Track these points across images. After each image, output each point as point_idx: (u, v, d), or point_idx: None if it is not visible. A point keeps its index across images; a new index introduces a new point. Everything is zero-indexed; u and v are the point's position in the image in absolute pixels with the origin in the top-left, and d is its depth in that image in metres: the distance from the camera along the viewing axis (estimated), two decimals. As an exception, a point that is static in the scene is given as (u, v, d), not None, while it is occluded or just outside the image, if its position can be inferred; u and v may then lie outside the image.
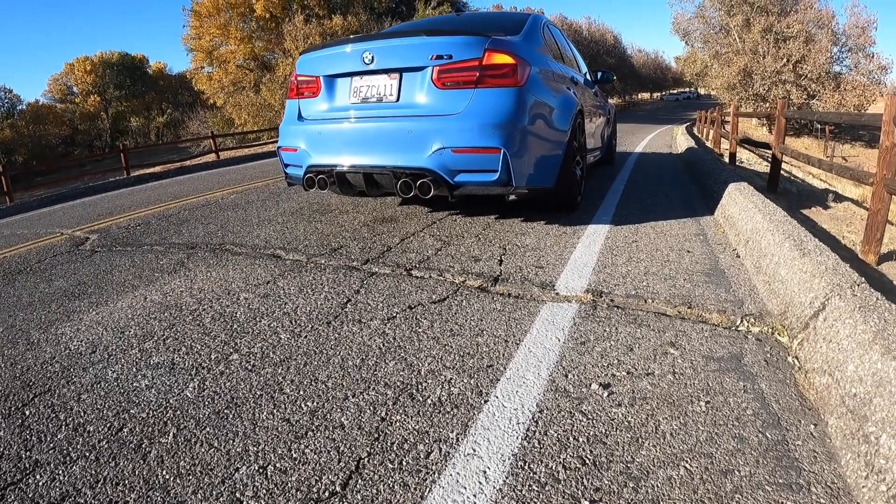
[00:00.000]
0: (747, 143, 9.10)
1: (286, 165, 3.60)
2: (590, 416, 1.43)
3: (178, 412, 1.56)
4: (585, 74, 4.93)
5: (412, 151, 2.91)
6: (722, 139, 12.20)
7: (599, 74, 5.52)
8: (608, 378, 1.61)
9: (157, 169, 13.11)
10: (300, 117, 3.39)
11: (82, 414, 1.63)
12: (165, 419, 1.54)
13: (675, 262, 2.58)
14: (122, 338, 2.13)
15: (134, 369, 1.87)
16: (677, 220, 3.44)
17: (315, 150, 3.26)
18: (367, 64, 3.01)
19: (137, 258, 3.32)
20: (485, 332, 1.90)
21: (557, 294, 2.24)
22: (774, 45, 27.05)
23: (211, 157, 15.73)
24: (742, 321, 1.93)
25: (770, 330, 1.86)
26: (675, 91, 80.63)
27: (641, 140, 13.78)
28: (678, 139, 13.29)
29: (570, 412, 1.45)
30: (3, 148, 32.73)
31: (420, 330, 1.93)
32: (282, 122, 3.53)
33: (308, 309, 2.19)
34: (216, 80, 30.19)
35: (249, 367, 1.76)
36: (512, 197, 2.99)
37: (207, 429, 1.46)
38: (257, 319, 2.14)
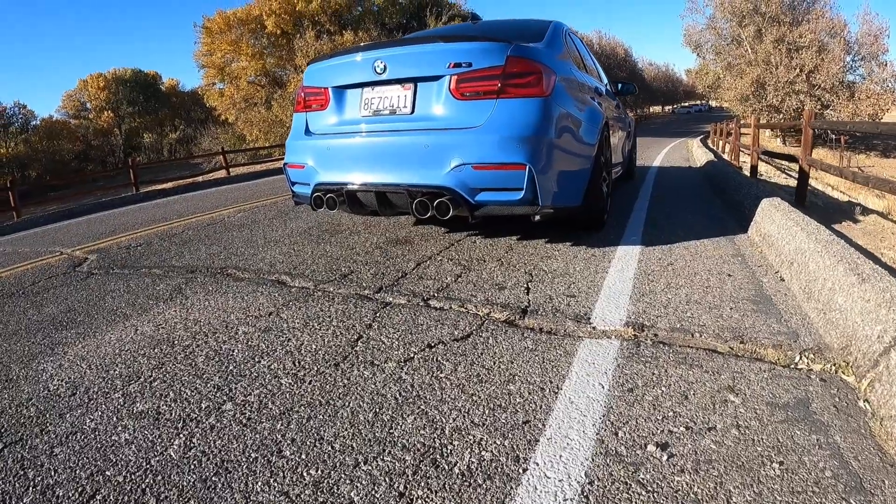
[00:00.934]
0: (769, 155, 8.83)
1: (293, 183, 3.40)
2: (650, 488, 1.18)
3: (160, 477, 1.33)
4: (606, 85, 4.72)
5: (429, 168, 2.69)
6: (740, 152, 11.93)
7: (620, 86, 5.32)
8: (665, 436, 1.36)
9: (167, 185, 13.09)
10: (308, 132, 3.20)
11: (53, 473, 1.42)
12: (144, 486, 1.31)
13: (717, 288, 2.36)
14: (105, 378, 1.92)
15: (115, 418, 1.65)
16: (710, 240, 3.23)
17: (323, 166, 3.06)
18: (379, 74, 2.82)
19: (133, 282, 3.13)
20: (517, 377, 1.66)
21: (595, 329, 1.99)
22: (787, 56, 26.89)
23: (222, 174, 15.72)
24: (801, 357, 1.72)
25: (833, 368, 1.64)
26: (687, 104, 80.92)
27: (658, 154, 13.59)
28: (695, 152, 13.13)
29: (626, 483, 1.20)
30: (18, 163, 33.27)
31: (442, 375, 1.69)
32: (288, 137, 3.35)
33: (314, 347, 1.96)
34: (228, 96, 30.54)
35: (244, 421, 1.53)
36: (537, 217, 2.77)
37: (191, 502, 1.23)
38: (256, 359, 1.91)
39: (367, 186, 2.87)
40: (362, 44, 2.90)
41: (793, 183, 10.86)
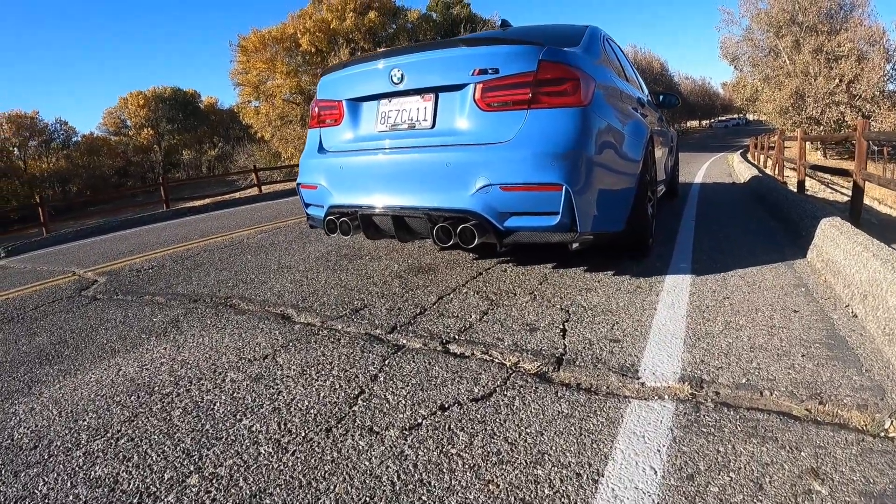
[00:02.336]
0: (817, 169, 8.22)
1: (307, 205, 3.20)
2: None
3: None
4: (647, 96, 4.39)
5: (451, 189, 2.43)
6: (784, 166, 11.30)
7: (662, 97, 4.97)
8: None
9: (197, 203, 13.30)
10: (321, 149, 2.99)
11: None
12: None
13: (784, 329, 2.04)
14: (72, 429, 1.72)
15: (69, 483, 1.44)
16: (768, 267, 2.90)
17: (337, 187, 2.83)
18: (396, 83, 2.59)
19: (132, 311, 2.96)
20: (547, 456, 1.35)
21: (644, 385, 1.67)
22: (826, 66, 26.42)
23: (254, 191, 15.92)
24: (892, 423, 1.41)
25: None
26: (724, 118, 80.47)
27: (698, 169, 13.15)
28: (736, 167, 12.77)
29: None
30: (59, 178, 34.93)
31: (454, 451, 1.39)
32: (302, 155, 3.15)
33: (306, 403, 1.70)
34: (263, 113, 31.34)
35: (207, 503, 1.26)
36: (575, 246, 2.45)
37: None
38: (238, 417, 1.66)
39: (384, 210, 2.63)
40: (379, 50, 2.67)
41: (839, 198, 10.22)
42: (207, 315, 2.72)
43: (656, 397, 1.60)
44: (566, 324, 2.19)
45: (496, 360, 1.90)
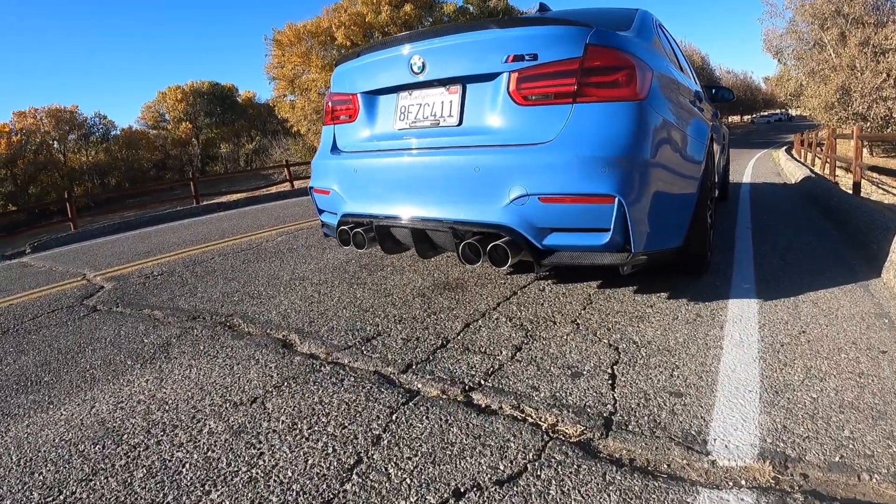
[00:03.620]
0: (876, 171, 7.50)
1: (320, 211, 2.91)
2: None
3: None
4: (702, 89, 3.94)
5: (480, 200, 2.09)
6: (835, 165, 10.46)
7: (715, 91, 4.49)
8: None
9: (227, 199, 13.33)
10: (334, 148, 2.70)
11: None
12: None
13: (874, 377, 1.67)
14: (26, 485, 1.53)
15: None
16: (840, 289, 2.51)
17: (350, 193, 2.53)
18: (417, 73, 2.25)
19: (126, 329, 2.75)
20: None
21: (714, 464, 1.31)
22: (873, 59, 25.64)
23: (286, 186, 15.93)
24: None
25: None
26: (766, 113, 79.42)
27: (744, 167, 12.48)
28: (784, 166, 12.20)
29: None
30: (98, 170, 36.16)
31: (471, 572, 1.05)
32: (315, 155, 2.85)
33: (289, 474, 1.39)
34: (299, 107, 31.58)
35: None
36: (627, 269, 2.08)
37: None
38: (206, 488, 1.36)
39: (402, 221, 2.31)
40: (399, 34, 2.34)
41: (893, 200, 9.34)
42: (202, 338, 2.46)
43: (731, 484, 1.24)
44: (615, 367, 1.82)
45: (529, 420, 1.54)
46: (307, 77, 31.36)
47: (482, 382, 1.77)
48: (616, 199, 1.89)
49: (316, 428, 1.59)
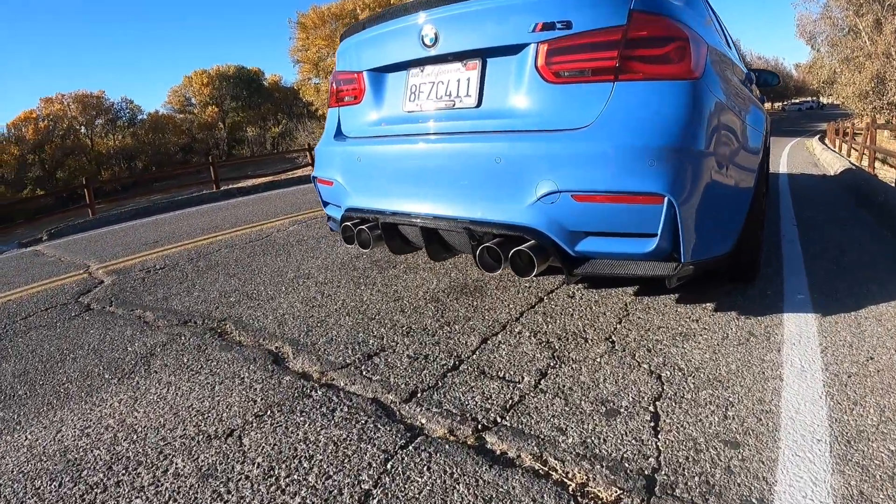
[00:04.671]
0: None
1: (325, 203, 2.65)
2: None
3: None
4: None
5: (502, 196, 1.79)
6: (874, 157, 9.77)
7: (757, 74, 4.03)
8: None
9: (247, 183, 13.25)
10: (339, 134, 2.42)
11: None
12: None
13: None
14: None
15: None
16: None
17: (354, 185, 2.26)
18: (429, 46, 1.95)
19: (113, 334, 2.55)
20: None
21: None
22: None
23: (310, 170, 15.80)
24: None
25: None
26: (797, 100, 77.62)
27: (779, 157, 11.92)
28: (820, 156, 11.58)
29: None
30: (125, 154, 36.80)
31: None
32: (319, 141, 2.58)
33: (252, 549, 1.13)
34: (323, 91, 31.43)
35: None
36: (674, 282, 1.77)
37: None
38: (148, 566, 1.12)
39: (411, 218, 2.02)
40: (409, 1, 2.03)
41: None
42: (188, 349, 2.24)
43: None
44: (658, 404, 1.51)
45: (554, 476, 1.25)
46: (332, 60, 31.17)
47: (498, 420, 1.48)
48: (665, 198, 1.57)
49: (295, 476, 1.33)
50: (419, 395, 1.65)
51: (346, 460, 1.37)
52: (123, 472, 1.46)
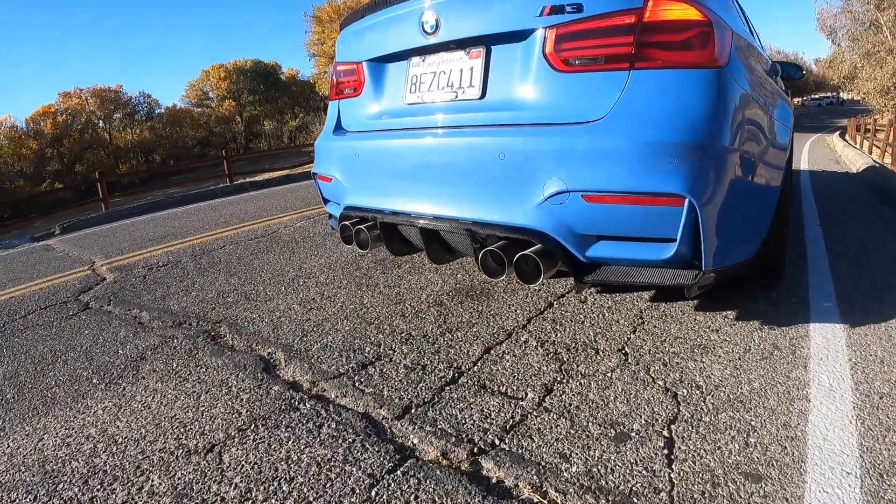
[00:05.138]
0: None
1: (326, 201, 2.55)
2: None
3: None
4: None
5: (506, 195, 1.67)
6: (893, 153, 9.42)
7: (781, 67, 3.82)
8: None
9: (261, 177, 13.26)
10: (338, 128, 2.32)
11: None
12: None
13: None
14: None
15: None
16: None
17: (353, 182, 2.15)
18: (430, 33, 1.83)
19: (106, 335, 2.50)
20: None
21: None
22: None
23: (321, 164, 15.78)
24: None
25: None
26: (817, 96, 76.92)
27: (800, 153, 11.59)
28: (841, 152, 11.40)
29: None
30: (143, 148, 37.28)
31: None
32: (319, 136, 2.48)
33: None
34: (339, 83, 31.45)
35: None
36: (694, 291, 1.64)
37: None
38: None
39: (410, 218, 1.91)
40: None
41: None
42: (179, 353, 2.15)
43: None
44: (674, 427, 1.38)
45: (558, 509, 1.14)
46: (347, 53, 31.25)
47: (497, 442, 1.37)
48: (686, 200, 1.43)
49: (273, 501, 1.24)
50: (413, 411, 1.54)
51: (328, 484, 1.27)
52: (99, 487, 1.38)
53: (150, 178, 27.45)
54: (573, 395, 1.55)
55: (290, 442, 1.46)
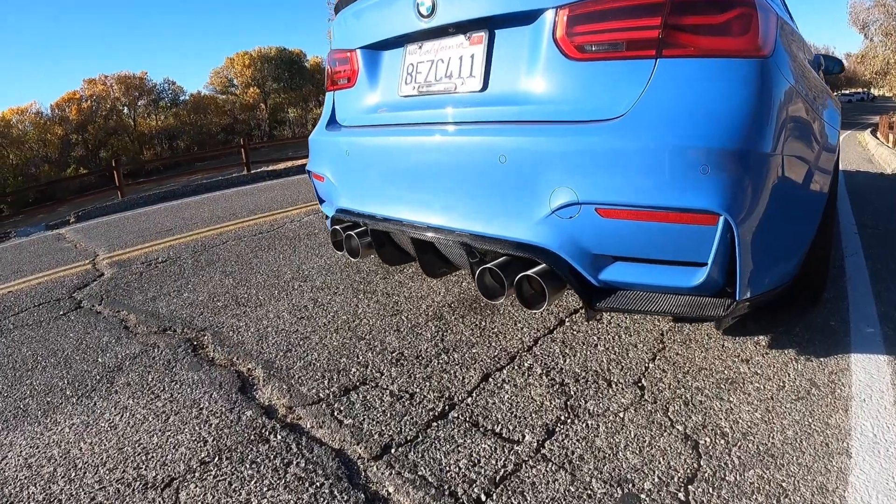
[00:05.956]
0: None
1: (321, 201, 2.40)
2: None
3: None
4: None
5: (507, 205, 1.49)
6: None
7: (822, 59, 3.52)
8: None
9: (278, 166, 13.21)
10: (332, 122, 2.16)
11: None
12: None
13: None
14: None
15: None
16: None
17: (343, 183, 1.99)
18: (425, 16, 1.64)
19: (90, 340, 2.41)
20: None
21: None
22: None
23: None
24: None
25: None
26: (848, 92, 75.71)
27: None
28: (874, 151, 10.98)
29: None
30: (167, 134, 37.74)
31: None
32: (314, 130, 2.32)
33: None
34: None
35: None
36: (725, 324, 1.44)
37: None
38: None
39: (402, 226, 1.74)
40: None
41: None
42: (157, 365, 2.03)
43: None
44: (692, 488, 1.19)
45: None
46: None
47: (482, 498, 1.19)
48: (721, 218, 1.22)
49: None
50: (393, 451, 1.37)
51: (285, 544, 1.11)
52: (39, 528, 1.25)
53: (175, 164, 27.79)
54: (578, 440, 1.36)
55: (253, 482, 1.30)
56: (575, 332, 1.96)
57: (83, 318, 2.70)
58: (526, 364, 1.76)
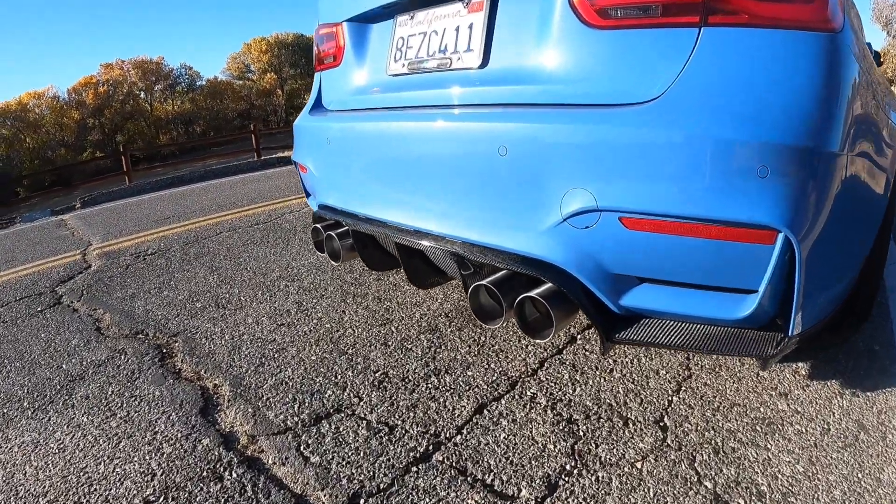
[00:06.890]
0: None
1: (308, 194, 2.18)
2: None
3: None
4: None
5: (506, 209, 1.25)
6: None
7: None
8: None
9: (288, 154, 13.05)
10: (317, 105, 1.94)
11: None
12: None
13: None
14: None
15: None
16: None
17: (325, 176, 1.78)
18: None
19: (58, 341, 2.27)
20: None
21: None
22: None
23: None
24: None
25: None
26: None
27: None
28: None
29: None
30: (183, 119, 37.71)
31: None
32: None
33: None
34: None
35: None
36: (773, 363, 1.20)
37: None
38: None
39: (386, 228, 1.51)
40: None
41: None
42: (120, 374, 1.84)
43: None
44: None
45: None
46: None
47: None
48: (780, 235, 0.98)
49: None
50: (364, 499, 1.16)
51: None
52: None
53: (190, 149, 27.80)
54: (585, 498, 1.13)
55: (194, 538, 1.10)
56: (587, 354, 1.72)
57: (58, 316, 2.53)
58: (529, 393, 1.53)
